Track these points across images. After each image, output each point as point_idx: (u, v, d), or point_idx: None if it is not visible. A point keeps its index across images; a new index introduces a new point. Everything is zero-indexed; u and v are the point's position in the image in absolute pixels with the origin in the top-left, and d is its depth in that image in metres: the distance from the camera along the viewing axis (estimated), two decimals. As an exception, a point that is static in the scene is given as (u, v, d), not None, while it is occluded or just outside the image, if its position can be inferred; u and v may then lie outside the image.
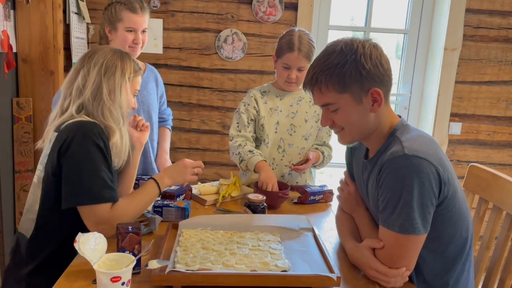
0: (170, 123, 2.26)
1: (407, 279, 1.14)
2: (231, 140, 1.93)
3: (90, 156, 1.25)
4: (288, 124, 1.94)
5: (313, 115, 1.97)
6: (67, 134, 1.26)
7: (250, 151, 1.86)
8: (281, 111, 1.94)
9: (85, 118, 1.31)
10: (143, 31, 1.93)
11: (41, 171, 1.32)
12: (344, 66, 1.13)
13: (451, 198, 1.14)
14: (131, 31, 1.89)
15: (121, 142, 1.34)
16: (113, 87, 1.35)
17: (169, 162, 2.11)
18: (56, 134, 1.29)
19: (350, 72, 1.13)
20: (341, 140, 1.29)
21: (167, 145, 2.17)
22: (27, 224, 1.32)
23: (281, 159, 1.95)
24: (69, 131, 1.26)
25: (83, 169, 1.24)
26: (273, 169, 1.93)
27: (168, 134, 2.22)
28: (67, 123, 1.29)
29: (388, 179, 1.12)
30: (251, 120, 1.94)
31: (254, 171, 1.83)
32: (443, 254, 1.20)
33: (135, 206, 1.34)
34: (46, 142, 1.33)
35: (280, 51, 1.86)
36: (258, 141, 1.98)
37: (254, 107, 1.93)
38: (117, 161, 1.36)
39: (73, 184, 1.24)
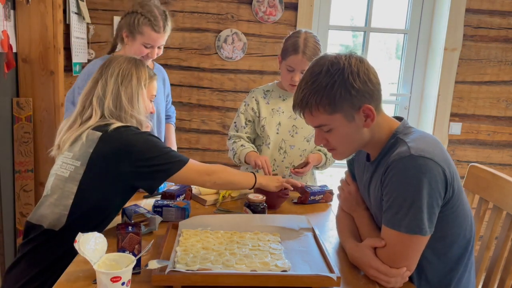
0: (174, 120, 2.36)
1: (407, 279, 1.14)
2: (228, 140, 1.99)
3: (154, 144, 1.37)
4: (290, 126, 1.93)
5: None
6: (121, 136, 1.34)
7: (242, 145, 1.90)
8: (283, 112, 1.93)
9: (123, 123, 1.40)
10: (159, 47, 1.95)
11: (79, 168, 1.33)
12: (333, 87, 1.12)
13: (456, 198, 1.14)
14: (148, 46, 1.90)
15: None
16: (130, 94, 1.44)
17: None
18: (100, 133, 1.34)
19: (340, 93, 1.12)
20: (335, 157, 1.30)
21: (173, 139, 2.27)
22: (52, 217, 1.33)
23: (282, 160, 1.94)
24: (122, 133, 1.35)
25: (156, 154, 1.35)
26: (274, 170, 1.93)
27: (173, 130, 2.31)
28: (113, 125, 1.35)
29: (394, 179, 1.12)
30: (249, 121, 1.95)
31: (245, 161, 1.87)
32: (446, 255, 1.20)
33: (231, 171, 1.53)
34: (81, 140, 1.35)
35: (285, 52, 1.84)
36: (259, 141, 1.98)
37: (253, 109, 1.94)
38: None
39: (156, 166, 1.35)
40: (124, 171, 1.33)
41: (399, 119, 1.27)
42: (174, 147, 2.23)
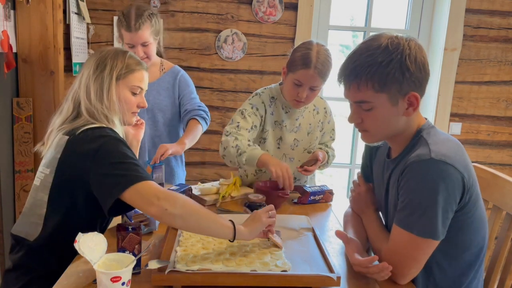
0: (199, 113, 2.00)
1: (388, 273, 1.09)
2: (226, 135, 1.71)
3: (118, 150, 1.20)
4: (292, 140, 1.86)
5: (317, 125, 1.90)
6: (87, 139, 1.22)
7: (249, 144, 1.67)
8: (285, 126, 1.83)
9: (95, 123, 1.28)
10: (144, 45, 1.94)
11: (48, 175, 1.26)
12: (388, 65, 1.08)
13: (472, 205, 1.12)
14: (130, 46, 1.95)
15: None
16: (100, 86, 1.31)
17: (171, 148, 1.79)
18: (67, 137, 1.25)
19: (393, 73, 1.08)
20: (365, 139, 1.24)
21: (185, 138, 1.91)
22: (28, 227, 1.28)
23: None
24: (88, 136, 1.22)
25: (114, 162, 1.18)
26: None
27: (193, 125, 1.96)
28: (82, 129, 1.25)
29: (412, 181, 1.10)
30: (255, 126, 1.77)
31: (257, 165, 1.64)
32: (457, 260, 1.18)
33: (194, 206, 1.17)
34: (52, 145, 1.29)
35: (293, 65, 1.67)
36: None
37: (262, 116, 1.79)
38: None
39: (110, 177, 1.16)
40: (87, 178, 1.19)
41: None
42: (188, 141, 1.89)
